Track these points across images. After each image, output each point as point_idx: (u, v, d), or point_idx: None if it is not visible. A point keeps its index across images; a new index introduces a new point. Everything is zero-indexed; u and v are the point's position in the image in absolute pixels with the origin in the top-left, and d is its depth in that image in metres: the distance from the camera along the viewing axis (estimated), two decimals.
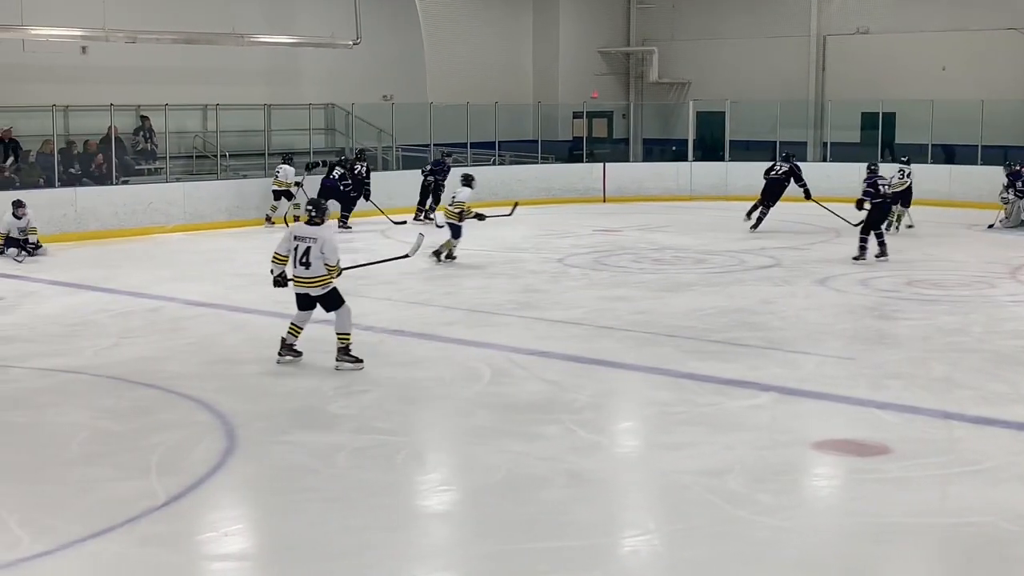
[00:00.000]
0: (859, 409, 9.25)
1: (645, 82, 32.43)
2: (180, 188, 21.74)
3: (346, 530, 6.79)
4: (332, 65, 25.97)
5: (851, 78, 29.13)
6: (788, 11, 30.14)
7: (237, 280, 15.74)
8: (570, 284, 15.53)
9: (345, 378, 10.25)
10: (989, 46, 27.24)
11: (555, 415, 9.07)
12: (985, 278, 15.59)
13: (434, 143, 25.90)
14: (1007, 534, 6.70)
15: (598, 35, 32.14)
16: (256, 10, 25.02)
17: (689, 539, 6.74)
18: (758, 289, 14.83)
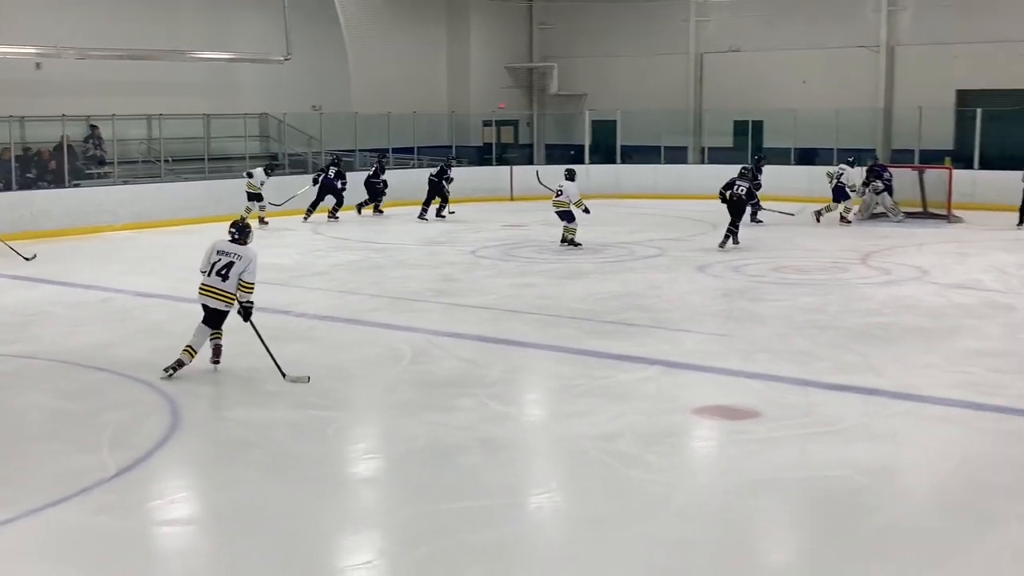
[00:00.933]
0: (732, 379, 9.36)
1: (546, 94, 32.45)
2: (127, 190, 21.44)
3: (282, 496, 6.74)
4: (265, 78, 25.71)
5: (725, 91, 29.42)
6: (670, 32, 30.33)
7: (181, 273, 15.43)
8: (482, 273, 15.53)
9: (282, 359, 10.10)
10: (843, 62, 27.66)
11: (469, 389, 9.08)
12: (839, 264, 15.85)
13: (359, 148, 25.86)
14: (859, 485, 6.83)
15: (504, 52, 32.12)
16: (196, 29, 24.75)
17: (587, 496, 6.79)
18: (646, 276, 14.94)
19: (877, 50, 27.39)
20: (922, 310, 12.30)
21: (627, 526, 6.23)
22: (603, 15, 31.04)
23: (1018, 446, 7.60)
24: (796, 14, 28.30)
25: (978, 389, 8.94)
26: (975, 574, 5.60)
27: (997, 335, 11.09)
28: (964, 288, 13.75)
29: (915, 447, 7.66)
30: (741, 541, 6.15)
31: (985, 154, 24.07)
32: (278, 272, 15.57)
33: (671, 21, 30.24)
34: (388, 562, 5.90)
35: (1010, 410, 8.39)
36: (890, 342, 10.76)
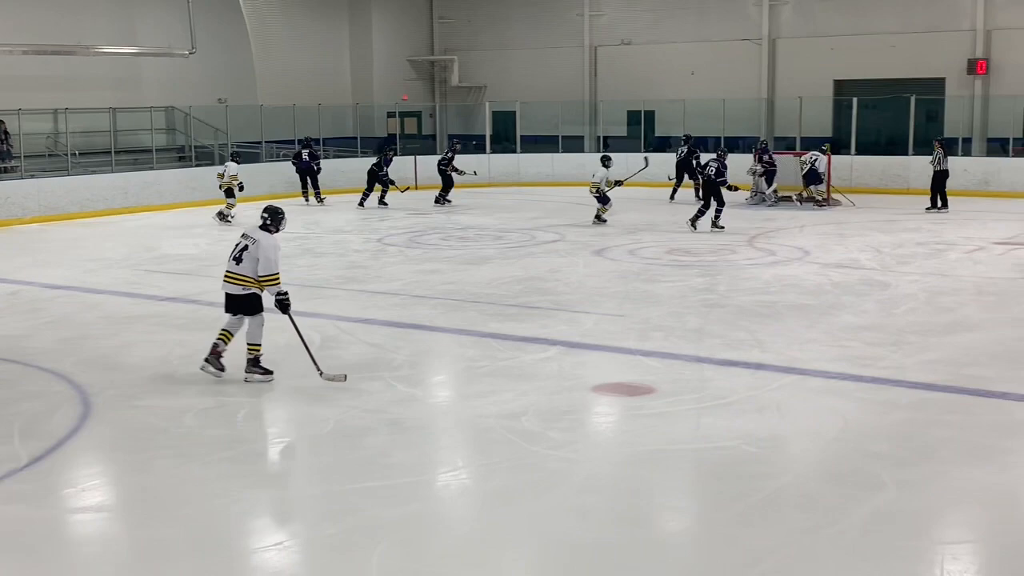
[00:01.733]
0: (629, 357, 9.45)
1: (448, 86, 32.35)
2: (34, 184, 20.80)
3: (193, 481, 6.62)
4: (171, 72, 25.23)
5: (618, 82, 29.65)
6: (565, 26, 30.45)
7: (90, 265, 15.12)
8: (388, 260, 15.43)
9: (191, 347, 9.95)
10: (728, 54, 28.10)
11: (378, 373, 9.02)
12: (728, 246, 16.09)
13: (265, 140, 25.48)
14: (748, 455, 6.96)
15: (406, 45, 31.92)
16: (101, 23, 24.17)
17: (492, 472, 6.80)
18: (547, 260, 14.99)
19: (760, 43, 27.89)
20: (804, 288, 12.56)
21: (531, 499, 6.26)
22: (501, 9, 31.06)
23: (894, 414, 7.80)
24: (684, 9, 28.66)
25: (856, 362, 9.16)
26: (856, 534, 5.74)
27: (873, 311, 11.37)
28: (843, 267, 14.08)
29: (799, 417, 7.80)
30: (639, 509, 6.22)
31: (861, 140, 24.70)
32: (187, 262, 15.30)
33: (566, 15, 30.37)
34: (299, 542, 5.83)
35: (885, 380, 8.62)
36: (775, 319, 10.96)
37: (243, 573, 5.50)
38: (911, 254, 15.11)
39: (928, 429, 7.45)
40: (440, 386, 9.25)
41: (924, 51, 25.64)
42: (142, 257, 15.89)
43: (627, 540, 5.73)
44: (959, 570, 5.37)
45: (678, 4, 28.72)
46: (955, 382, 8.52)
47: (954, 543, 5.77)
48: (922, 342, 9.91)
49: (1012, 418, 7.74)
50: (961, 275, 13.48)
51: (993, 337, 10.11)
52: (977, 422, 7.64)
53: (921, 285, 12.74)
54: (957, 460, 6.84)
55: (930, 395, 8.23)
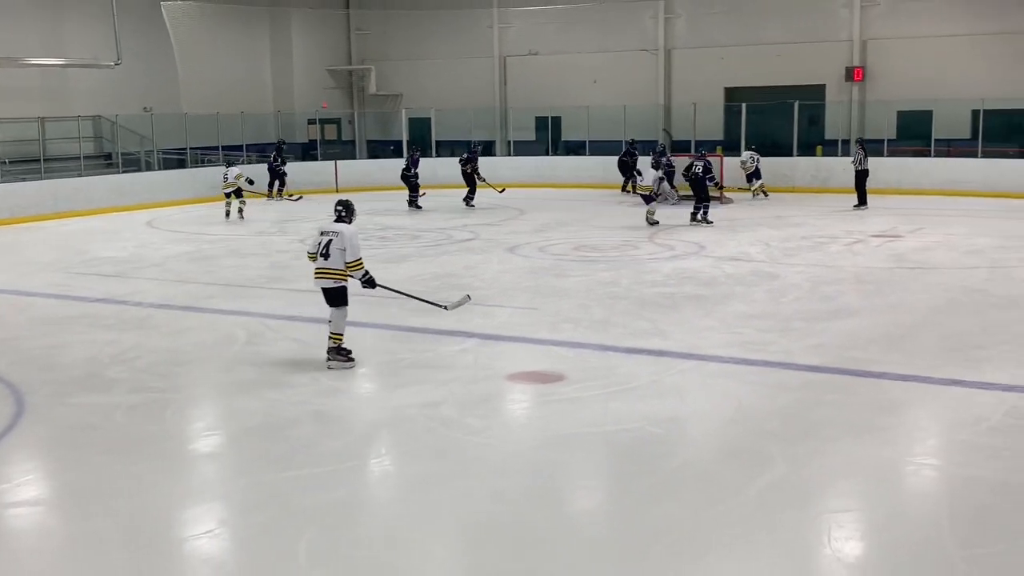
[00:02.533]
0: (541, 347, 9.49)
1: (366, 94, 32.09)
2: None
3: (126, 475, 6.48)
4: (98, 82, 24.59)
5: (526, 90, 29.73)
6: (476, 37, 30.41)
7: (22, 268, 14.69)
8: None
9: (121, 346, 9.74)
10: (628, 64, 28.35)
11: (303, 367, 8.91)
12: (631, 242, 16.26)
13: (190, 147, 25.02)
14: (652, 435, 7.05)
15: (325, 55, 31.57)
16: (29, 36, 23.48)
17: (415, 458, 6.78)
18: (462, 258, 14.98)
19: (656, 53, 28.20)
20: (700, 280, 12.73)
21: (450, 483, 6.25)
22: (415, 22, 30.90)
23: (783, 396, 7.96)
24: (586, 21, 28.83)
25: (748, 347, 9.32)
26: (750, 507, 5.85)
27: (763, 300, 11.58)
28: (735, 260, 14.31)
29: (698, 400, 7.92)
30: (552, 489, 6.25)
31: (750, 143, 25.08)
32: (114, 264, 14.95)
33: (477, 27, 30.34)
34: (228, 530, 5.75)
35: (775, 364, 8.80)
36: (675, 309, 11.10)
37: (175, 561, 5.39)
38: (797, 247, 15.42)
39: (814, 408, 7.61)
40: (363, 378, 9.15)
41: (806, 60, 26.18)
42: (72, 260, 15.48)
43: (542, 518, 5.77)
44: (844, 536, 5.50)
45: (581, 17, 28.88)
46: (838, 364, 8.72)
47: (839, 512, 5.90)
48: (808, 328, 10.12)
49: (889, 396, 7.95)
50: (842, 266, 13.80)
51: (871, 322, 10.37)
52: (858, 401, 7.83)
53: (806, 276, 13.01)
54: (841, 436, 7.00)
55: (816, 377, 8.42)
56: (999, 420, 7.21)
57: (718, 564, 5.16)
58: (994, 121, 23.67)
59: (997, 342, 9.47)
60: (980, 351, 9.11)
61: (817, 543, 5.39)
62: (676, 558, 5.21)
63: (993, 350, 9.16)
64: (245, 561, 5.37)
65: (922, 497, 6.19)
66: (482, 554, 5.34)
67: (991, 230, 16.89)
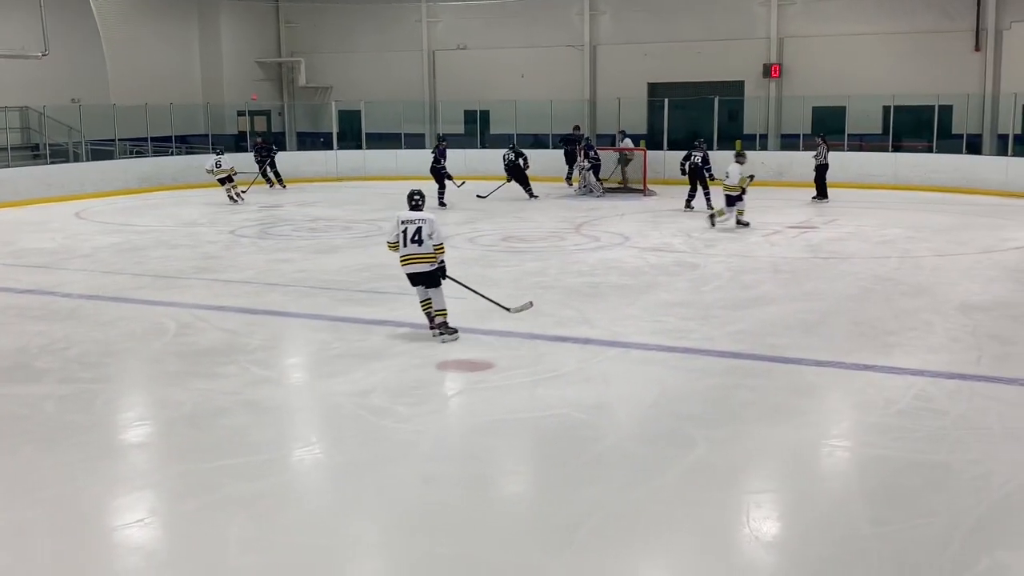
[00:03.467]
0: (471, 336, 9.47)
1: (296, 86, 31.70)
2: None
3: (55, 465, 6.33)
4: (24, 73, 23.83)
5: (456, 83, 29.66)
6: (406, 31, 30.24)
7: None
8: (241, 251, 15.05)
9: (49, 337, 9.51)
10: (554, 59, 28.44)
11: (233, 357, 8.80)
12: (557, 233, 16.34)
13: (118, 138, 24.49)
14: (578, 421, 7.10)
15: (254, 47, 31.10)
16: None
17: (345, 446, 6.74)
18: None
19: (582, 49, 28.33)
20: (625, 270, 12.85)
21: (381, 469, 6.23)
22: (344, 15, 30.59)
23: (704, 380, 8.08)
24: (514, 17, 28.83)
25: (671, 335, 9.44)
26: (673, 488, 5.93)
27: (685, 289, 11.73)
28: (658, 251, 14.46)
29: (622, 386, 8.00)
30: (481, 474, 6.27)
31: (672, 137, 25.38)
32: (41, 256, 14.58)
33: (406, 21, 30.16)
34: (159, 519, 5.66)
35: (696, 351, 8.92)
36: (600, 298, 11.19)
37: (106, 549, 5.30)
38: (717, 238, 15.63)
39: (734, 392, 7.73)
40: (293, 368, 9.09)
41: (726, 57, 26.51)
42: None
43: (470, 502, 5.78)
44: (762, 516, 5.61)
45: (509, 12, 28.88)
46: (757, 350, 8.87)
47: (757, 492, 6.02)
48: (728, 316, 10.27)
49: (805, 380, 8.11)
50: (760, 256, 14.03)
51: (788, 310, 10.56)
52: (776, 385, 7.99)
53: (726, 265, 13.20)
54: (759, 419, 7.13)
55: (735, 363, 8.55)
56: (908, 403, 7.40)
57: (643, 544, 5.22)
58: (904, 116, 24.25)
59: (906, 328, 9.71)
60: (890, 337, 9.34)
61: (736, 522, 5.49)
62: (602, 538, 5.26)
63: (903, 336, 9.40)
64: (176, 549, 5.29)
65: (835, 477, 6.33)
66: (413, 539, 5.33)
67: (901, 221, 17.31)
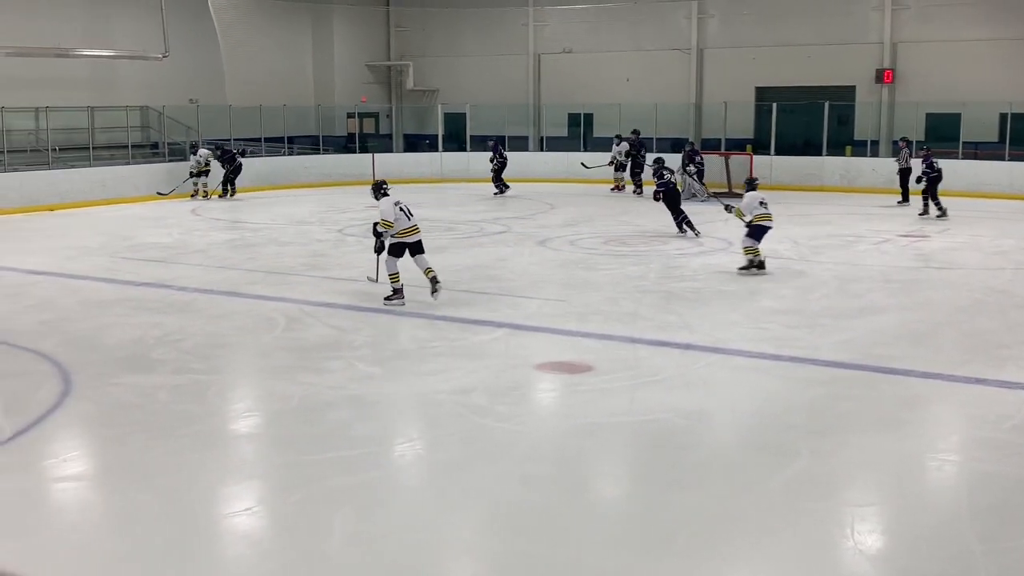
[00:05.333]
0: (570, 338, 9.48)
1: (404, 89, 32.13)
2: (17, 177, 20.40)
3: (167, 453, 6.53)
4: (145, 73, 24.81)
5: (560, 87, 29.66)
6: (512, 35, 30.37)
7: (70, 252, 14.85)
8: (348, 249, 15.30)
9: (165, 329, 9.83)
10: (660, 62, 28.21)
11: (339, 353, 8.96)
12: (660, 237, 16.17)
13: (234, 138, 25.18)
14: (678, 426, 7.02)
15: (365, 51, 31.65)
16: (80, 27, 23.75)
17: (444, 443, 6.79)
18: (494, 250, 14.97)
19: (689, 52, 28.04)
20: (728, 276, 12.66)
21: (479, 468, 6.26)
22: (452, 19, 30.90)
23: (809, 390, 7.90)
24: (620, 20, 28.71)
25: (775, 342, 9.26)
26: (775, 497, 5.81)
27: (791, 296, 11.50)
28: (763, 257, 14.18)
29: (724, 393, 7.88)
30: (578, 476, 6.24)
31: (780, 142, 24.94)
32: (159, 250, 15.08)
33: (512, 25, 30.29)
34: (266, 508, 5.79)
35: (801, 359, 8.72)
36: (702, 303, 11.05)
37: (213, 537, 5.44)
38: (824, 245, 15.29)
39: (839, 403, 7.55)
40: (397, 365, 9.16)
41: (837, 61, 25.93)
42: (118, 246, 15.63)
43: (567, 504, 5.76)
44: (867, 529, 5.46)
45: (615, 16, 28.77)
46: (863, 360, 8.64)
47: (861, 505, 5.85)
48: (834, 324, 10.04)
49: (912, 392, 7.87)
50: (869, 264, 13.67)
51: (897, 320, 10.27)
52: (882, 396, 7.76)
53: (833, 273, 12.90)
54: (865, 431, 6.94)
55: (841, 372, 8.35)
56: (1021, 418, 7.12)
57: (741, 554, 5.13)
58: (1021, 125, 23.33)
59: (1020, 342, 9.35)
60: (1003, 350, 9.00)
61: (840, 535, 5.35)
62: (700, 547, 5.19)
63: (1016, 349, 9.04)
64: (281, 539, 5.40)
65: (943, 492, 6.12)
66: (508, 538, 5.34)
67: (1016, 232, 16.67)
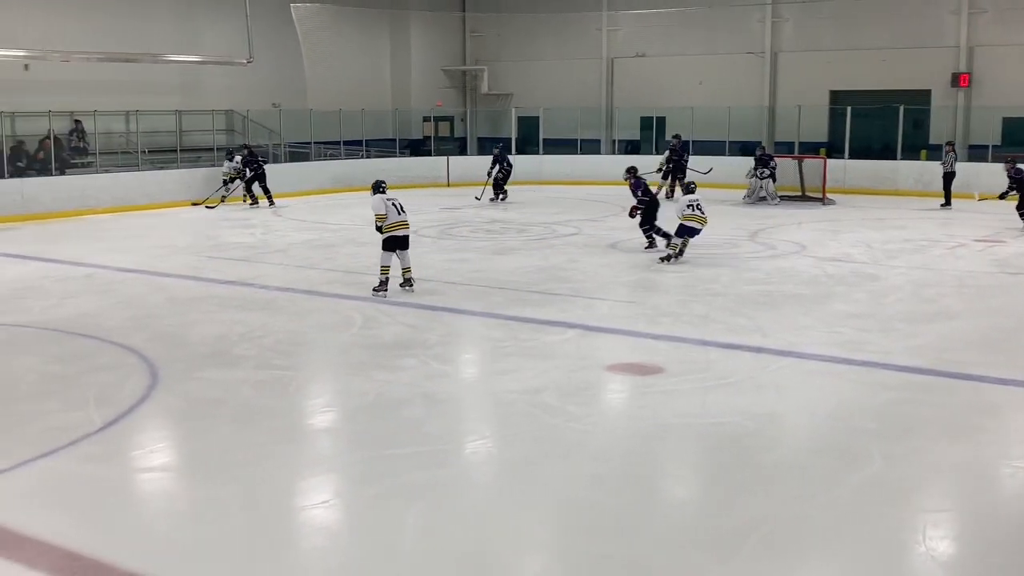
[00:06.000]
0: (640, 340, 9.43)
1: (478, 93, 32.26)
2: (108, 178, 20.94)
3: (249, 445, 6.66)
4: (231, 78, 25.33)
5: (633, 90, 29.49)
6: (585, 39, 30.29)
7: (157, 251, 15.21)
8: (423, 250, 15.33)
9: (248, 326, 10.02)
10: (733, 66, 27.88)
11: (413, 351, 9.03)
12: (731, 240, 16.00)
13: (314, 141, 25.60)
14: (747, 429, 6.93)
15: (441, 56, 31.86)
16: (168, 34, 24.33)
17: (515, 441, 6.81)
18: (565, 251, 14.94)
19: (762, 56, 27.66)
20: (801, 280, 12.48)
21: (549, 466, 6.26)
22: (527, 24, 30.94)
23: (881, 394, 7.75)
24: (693, 24, 28.44)
25: (847, 346, 9.10)
26: (846, 502, 5.72)
27: (864, 300, 11.29)
28: (836, 260, 13.97)
29: (795, 396, 7.77)
30: (648, 477, 6.21)
31: (854, 146, 24.48)
32: (244, 250, 15.36)
33: (586, 30, 30.21)
34: (343, 501, 5.87)
35: (874, 364, 8.56)
36: (774, 307, 10.90)
37: (292, 528, 5.53)
38: (898, 249, 14.98)
39: (912, 408, 7.39)
40: (469, 364, 9.26)
41: (912, 65, 25.35)
42: (204, 245, 15.98)
43: (636, 504, 5.73)
44: (939, 535, 5.34)
45: (688, 20, 28.51)
46: (937, 366, 8.45)
47: (934, 511, 5.73)
48: (908, 329, 9.84)
49: (986, 399, 7.68)
50: (944, 269, 13.36)
51: (972, 326, 10.02)
52: (956, 402, 7.59)
53: (907, 278, 12.64)
54: (938, 436, 6.79)
55: (915, 378, 8.18)
56: None
57: (810, 557, 5.06)
58: None
59: None
60: None
61: (911, 541, 5.24)
62: (771, 549, 5.12)
63: None
64: (356, 532, 5.48)
65: (1017, 499, 5.96)
66: (579, 537, 5.33)
67: None
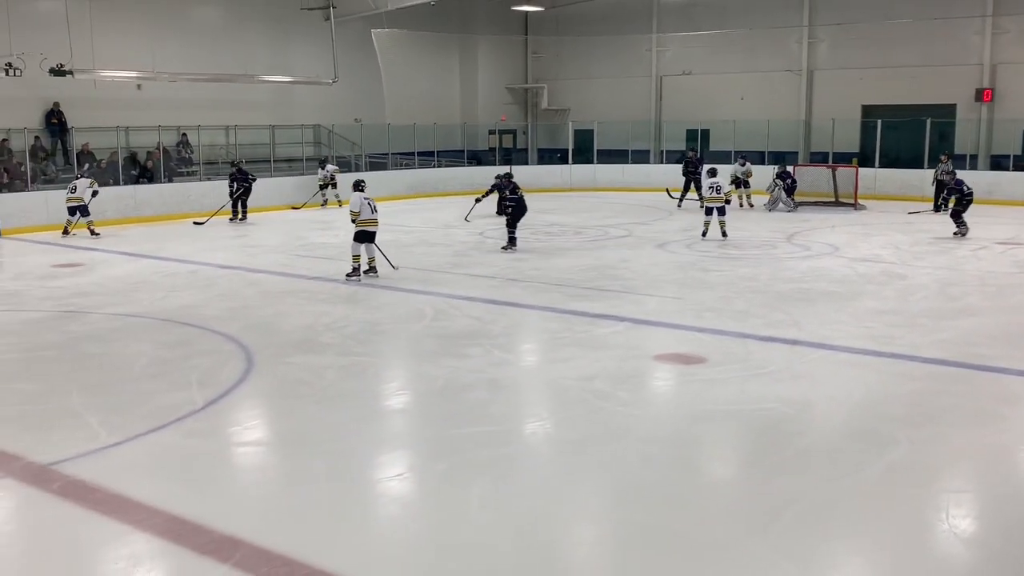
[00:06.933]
0: (685, 332, 9.36)
1: (539, 108, 32.23)
2: (210, 185, 21.26)
3: (332, 423, 6.75)
4: (317, 96, 25.64)
5: (680, 105, 29.23)
6: (636, 58, 30.08)
7: (253, 251, 15.47)
8: (487, 250, 15.47)
9: (332, 317, 10.14)
10: (772, 83, 27.49)
11: (478, 341, 9.07)
12: (770, 242, 15.81)
13: (392, 152, 25.79)
14: (784, 415, 6.84)
15: (505, 75, 31.91)
16: (263, 58, 24.69)
17: (570, 423, 6.80)
18: (617, 252, 14.89)
19: (800, 73, 27.21)
20: (834, 278, 12.27)
21: (601, 447, 6.24)
22: (584, 46, 30.82)
23: (908, 384, 7.60)
24: (735, 44, 28.07)
25: (877, 340, 8.93)
26: (875, 482, 5.61)
27: (892, 297, 11.07)
28: (867, 261, 13.72)
29: (828, 385, 7.64)
30: (691, 459, 6.17)
31: (884, 156, 24.01)
32: (326, 249, 15.53)
33: (637, 50, 30.00)
34: (416, 475, 5.91)
35: (902, 356, 8.39)
36: (809, 303, 10.74)
37: (371, 498, 5.59)
38: (925, 251, 14.65)
39: (937, 397, 7.23)
40: (529, 353, 9.26)
41: (938, 81, 24.77)
42: (293, 245, 16.20)
43: (681, 482, 5.70)
44: (961, 514, 5.22)
45: (731, 41, 28.15)
46: (961, 359, 8.26)
47: (957, 492, 5.60)
48: (933, 325, 9.62)
49: (1008, 389, 7.48)
50: (967, 269, 13.03)
51: (994, 321, 9.77)
52: (979, 392, 7.40)
53: (933, 277, 12.36)
54: (961, 423, 6.63)
55: (940, 369, 8.00)
56: None
57: (841, 532, 4.97)
58: None
59: None
60: None
61: (935, 519, 5.13)
62: (803, 524, 5.05)
63: None
64: (427, 502, 5.51)
65: None
66: (628, 510, 5.30)
67: None
